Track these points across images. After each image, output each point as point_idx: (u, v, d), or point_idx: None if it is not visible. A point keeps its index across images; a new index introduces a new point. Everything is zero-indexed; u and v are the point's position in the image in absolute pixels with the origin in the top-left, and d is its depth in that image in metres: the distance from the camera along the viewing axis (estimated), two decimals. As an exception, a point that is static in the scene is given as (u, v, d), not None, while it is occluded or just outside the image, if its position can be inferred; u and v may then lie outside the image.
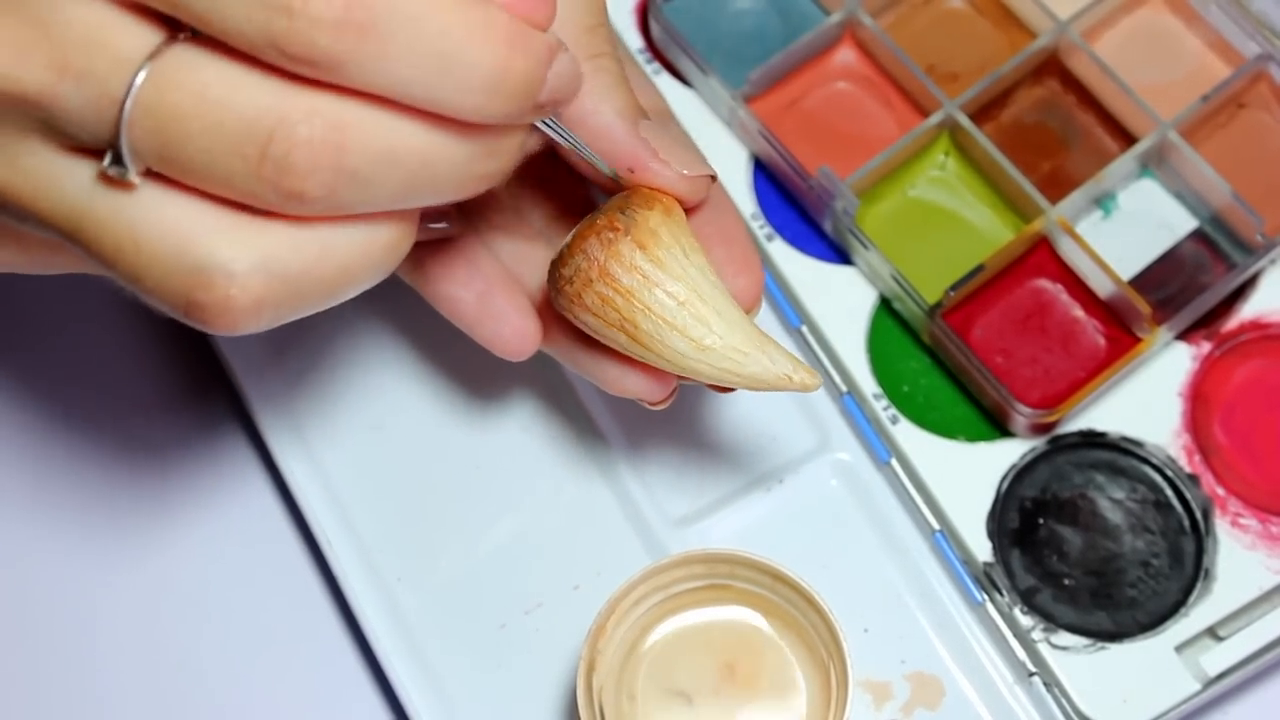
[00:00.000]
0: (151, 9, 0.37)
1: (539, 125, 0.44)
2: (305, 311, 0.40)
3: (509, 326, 0.50)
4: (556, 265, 0.46)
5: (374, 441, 0.59)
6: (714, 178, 0.48)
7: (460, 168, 0.40)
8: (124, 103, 0.37)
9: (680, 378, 0.48)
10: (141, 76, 0.37)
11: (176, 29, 0.38)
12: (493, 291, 0.50)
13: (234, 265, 0.38)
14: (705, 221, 0.49)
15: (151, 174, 0.39)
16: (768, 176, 0.62)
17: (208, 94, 0.37)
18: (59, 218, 0.39)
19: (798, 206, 0.62)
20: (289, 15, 0.36)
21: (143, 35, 0.38)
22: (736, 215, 0.50)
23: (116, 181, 0.39)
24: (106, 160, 0.38)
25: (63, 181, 0.39)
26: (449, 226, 0.50)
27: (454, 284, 0.50)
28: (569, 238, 0.46)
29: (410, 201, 0.40)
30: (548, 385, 0.60)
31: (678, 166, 0.47)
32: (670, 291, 0.45)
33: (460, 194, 0.41)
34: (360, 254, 0.41)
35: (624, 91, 0.47)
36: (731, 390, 0.49)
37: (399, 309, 0.61)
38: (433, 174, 0.40)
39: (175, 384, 0.63)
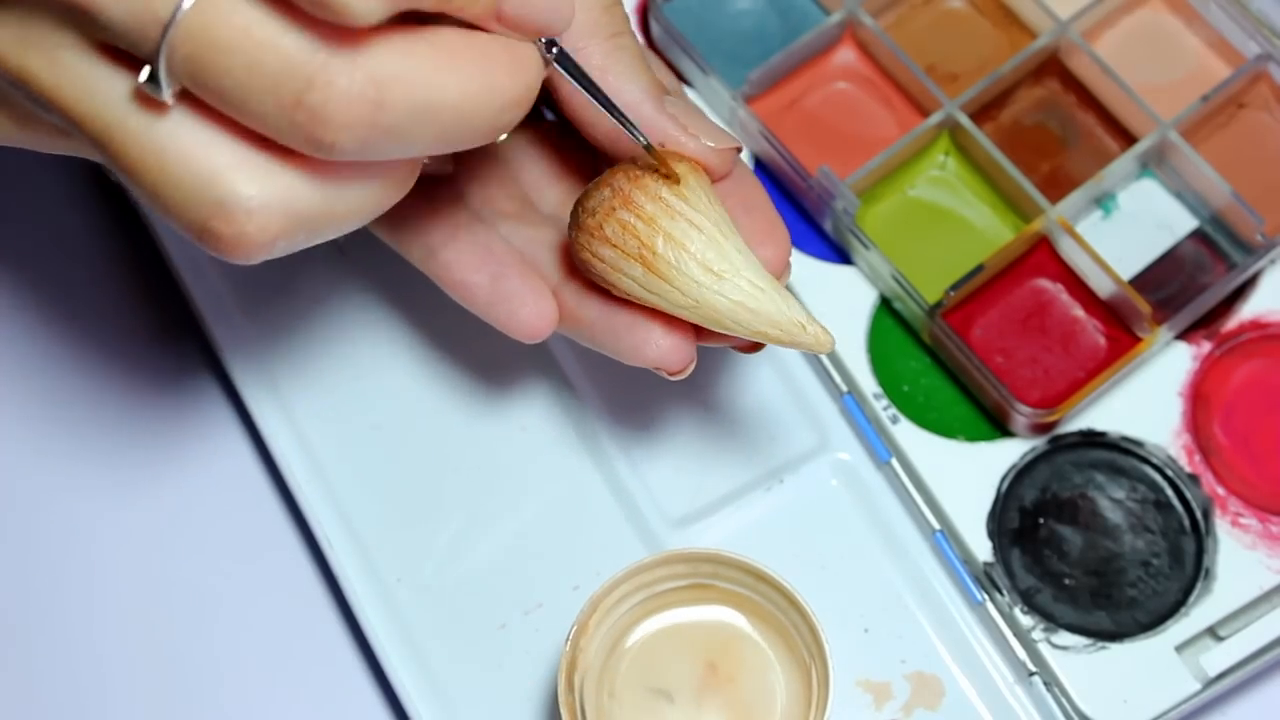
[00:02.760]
0: None
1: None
2: (311, 244, 0.41)
3: (524, 309, 0.50)
4: (580, 201, 0.47)
5: (374, 441, 0.59)
6: (740, 149, 0.49)
7: (490, 117, 0.41)
8: (168, 24, 0.37)
9: (700, 334, 0.48)
10: (189, 1, 0.37)
11: None
12: (506, 275, 0.50)
13: (253, 202, 0.39)
14: (729, 192, 0.49)
15: (186, 97, 0.39)
16: (768, 176, 0.62)
17: (252, 30, 0.37)
18: (88, 122, 0.39)
19: (798, 206, 0.62)
20: None
21: None
22: (759, 186, 0.50)
23: (150, 100, 0.39)
24: (143, 76, 0.38)
25: (97, 88, 0.39)
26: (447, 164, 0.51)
27: (467, 270, 0.50)
28: (597, 179, 0.47)
29: (436, 150, 0.41)
30: (548, 385, 0.60)
31: (704, 140, 0.48)
32: (692, 220, 0.46)
33: (483, 141, 0.42)
34: (374, 196, 0.42)
35: (646, 69, 0.48)
36: (755, 349, 0.48)
37: (400, 309, 0.61)
38: (465, 124, 0.40)
39: (172, 385, 0.63)
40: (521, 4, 0.41)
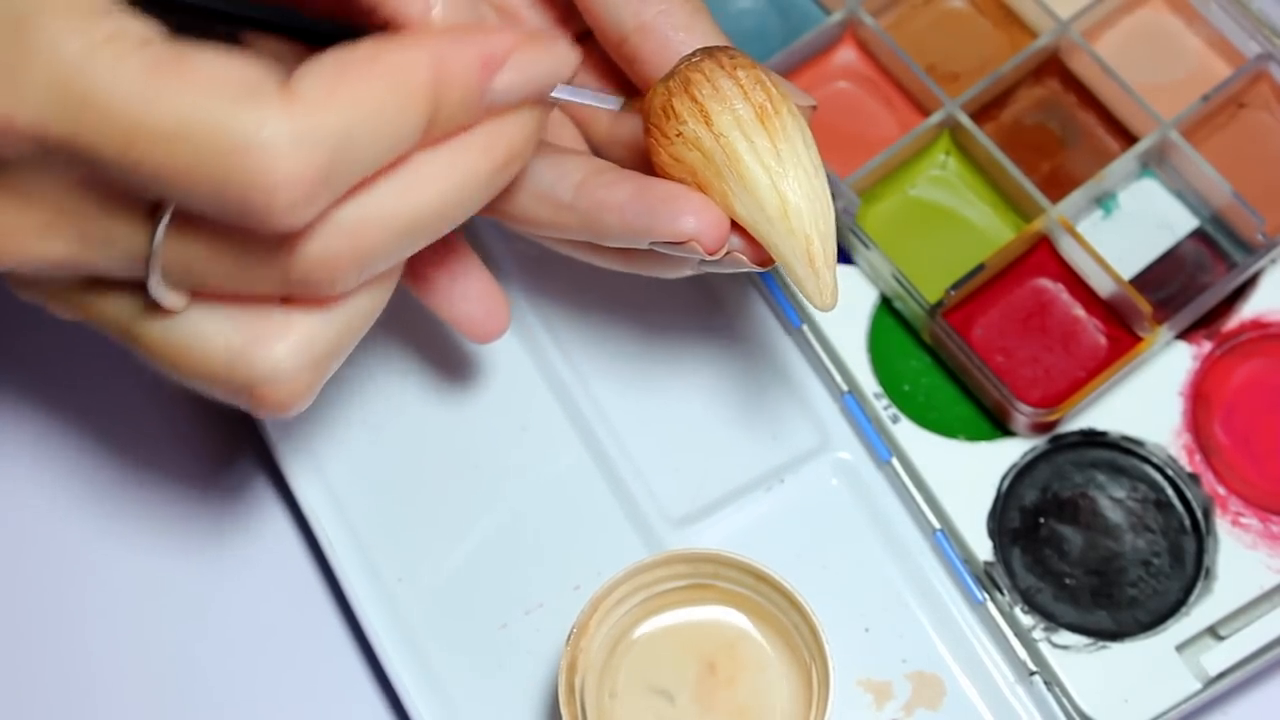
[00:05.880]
0: None
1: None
2: (340, 363, 0.44)
3: (478, 310, 0.51)
4: (684, 61, 0.46)
5: (374, 441, 0.59)
6: (815, 107, 0.49)
7: (479, 195, 0.42)
8: (149, 257, 0.39)
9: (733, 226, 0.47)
10: (160, 231, 0.39)
11: None
12: (466, 275, 0.51)
13: (280, 368, 0.41)
14: None
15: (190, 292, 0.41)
16: (768, 176, 0.62)
17: (223, 233, 0.39)
18: (113, 331, 0.42)
19: (798, 206, 0.62)
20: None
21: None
22: None
23: (159, 308, 0.41)
24: (151, 289, 0.40)
25: (110, 311, 0.42)
26: None
27: (426, 264, 0.51)
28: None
29: (435, 238, 0.42)
30: (548, 385, 0.60)
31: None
32: (792, 112, 0.45)
33: (483, 204, 0.43)
34: (380, 296, 0.44)
35: (713, 26, 0.48)
36: (764, 264, 0.47)
37: (400, 309, 0.61)
38: (453, 215, 0.42)
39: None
40: (512, 82, 0.41)
